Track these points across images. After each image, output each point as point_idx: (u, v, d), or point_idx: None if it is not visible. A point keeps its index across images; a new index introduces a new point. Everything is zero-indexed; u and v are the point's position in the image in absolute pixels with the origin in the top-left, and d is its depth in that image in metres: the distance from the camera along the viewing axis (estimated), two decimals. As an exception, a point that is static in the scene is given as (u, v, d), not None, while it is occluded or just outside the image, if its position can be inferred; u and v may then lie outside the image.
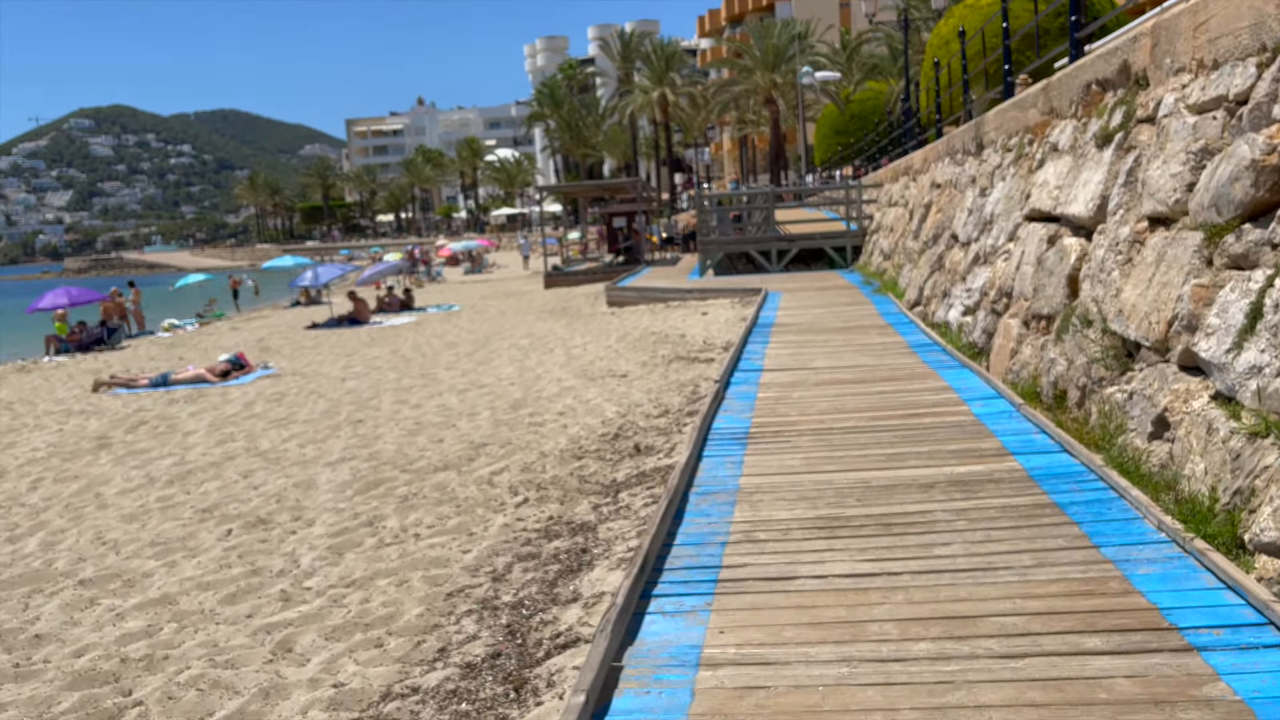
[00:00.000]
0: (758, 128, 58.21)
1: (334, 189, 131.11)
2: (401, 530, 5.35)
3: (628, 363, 11.34)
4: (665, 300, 18.66)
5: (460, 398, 10.03)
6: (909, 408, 6.26)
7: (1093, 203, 6.17)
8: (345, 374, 13.71)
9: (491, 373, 11.91)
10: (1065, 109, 7.76)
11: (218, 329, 26.53)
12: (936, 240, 12.28)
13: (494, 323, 20.13)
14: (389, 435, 8.35)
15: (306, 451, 8.08)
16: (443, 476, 6.52)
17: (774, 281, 18.47)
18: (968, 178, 11.34)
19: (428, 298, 31.02)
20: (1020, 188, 8.45)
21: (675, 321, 15.28)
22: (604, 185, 35.05)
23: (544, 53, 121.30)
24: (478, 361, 13.27)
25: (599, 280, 27.53)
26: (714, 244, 22.43)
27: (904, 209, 16.82)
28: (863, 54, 52.21)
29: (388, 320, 23.70)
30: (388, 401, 10.46)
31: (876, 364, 8.19)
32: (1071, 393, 5.57)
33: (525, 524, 5.20)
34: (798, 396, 6.92)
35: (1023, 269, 7.41)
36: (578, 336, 15.02)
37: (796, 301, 14.51)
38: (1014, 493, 4.31)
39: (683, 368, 10.41)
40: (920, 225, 14.06)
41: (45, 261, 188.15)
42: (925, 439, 5.40)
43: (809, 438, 5.65)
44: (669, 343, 12.71)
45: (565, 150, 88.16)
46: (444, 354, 14.98)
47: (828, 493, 4.51)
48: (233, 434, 9.54)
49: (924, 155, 15.64)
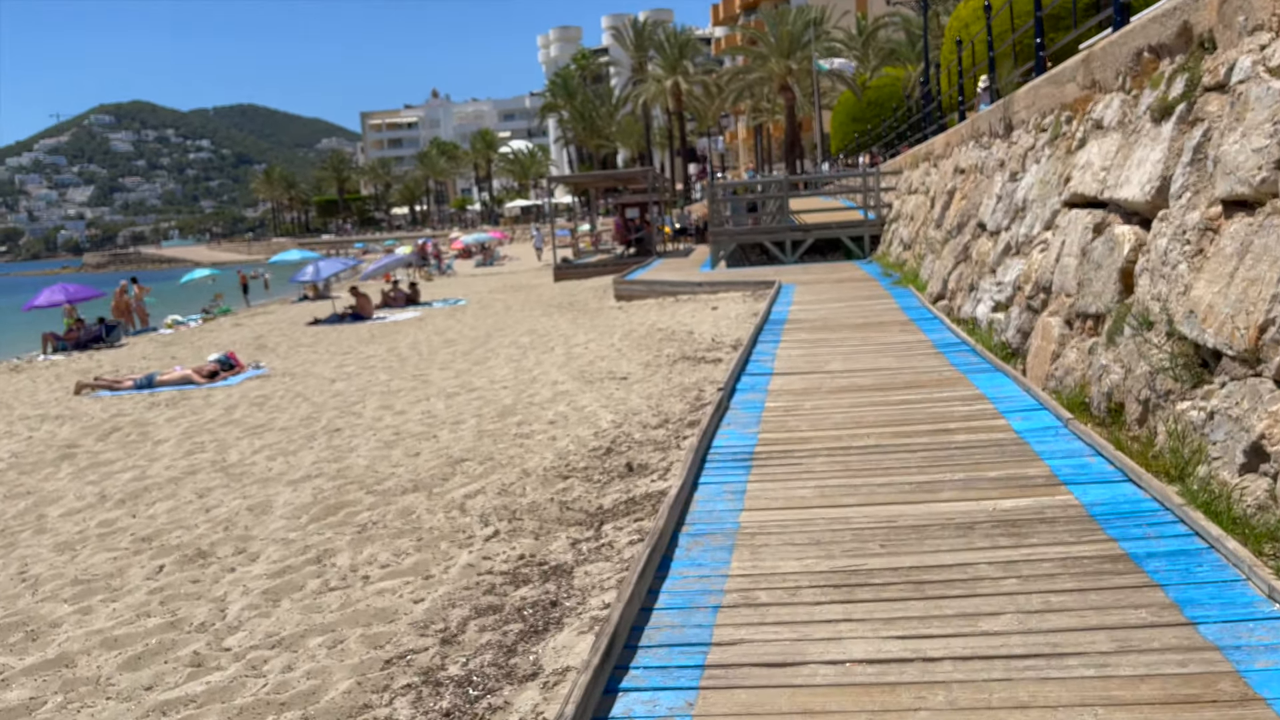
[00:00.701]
0: (773, 116, 57.21)
1: (349, 182, 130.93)
2: (350, 570, 4.64)
3: (629, 363, 10.59)
4: (675, 294, 17.89)
5: (448, 403, 9.32)
6: (938, 421, 5.48)
7: (1150, 185, 5.35)
8: (337, 374, 13.05)
9: (486, 374, 11.20)
10: (1110, 81, 6.93)
11: (220, 325, 26.01)
12: (961, 229, 11.45)
13: (498, 318, 19.43)
14: (364, 447, 7.64)
15: (274, 466, 7.39)
16: (410, 500, 5.80)
17: (788, 273, 17.66)
18: (995, 161, 10.50)
19: (435, 291, 30.39)
20: (1058, 170, 7.63)
21: (683, 317, 14.51)
22: (615, 175, 34.26)
23: (557, 43, 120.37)
24: (473, 361, 12.56)
25: (609, 273, 26.78)
26: (726, 235, 21.62)
27: (925, 196, 15.96)
28: (879, 39, 51.11)
29: (391, 315, 23.06)
30: (372, 407, 9.77)
31: (899, 367, 7.40)
32: (1130, 406, 4.77)
33: (492, 563, 4.48)
34: (810, 406, 6.14)
35: (1064, 261, 6.60)
36: (581, 333, 14.28)
37: (811, 295, 13.71)
38: (1074, 537, 3.53)
39: (688, 369, 9.65)
40: (943, 213, 13.22)
41: (67, 257, 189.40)
42: (959, 462, 4.63)
43: (823, 459, 4.88)
44: (675, 341, 11.95)
45: (579, 141, 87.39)
46: (441, 352, 14.28)
47: (845, 535, 3.75)
48: (204, 443, 8.88)
49: (946, 139, 14.77)
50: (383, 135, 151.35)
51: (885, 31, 51.72)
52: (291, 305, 30.83)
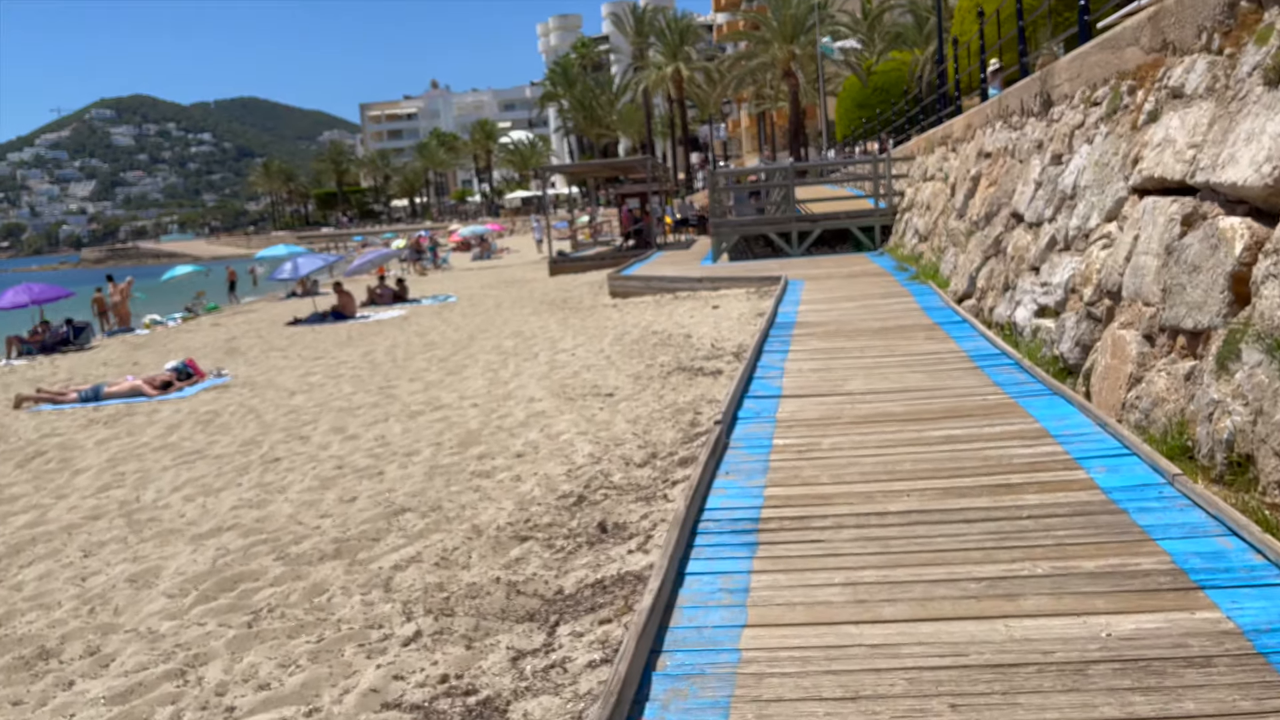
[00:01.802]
0: (776, 103, 55.82)
1: (348, 174, 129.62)
2: (216, 695, 3.44)
3: (618, 374, 9.38)
4: (673, 290, 16.67)
5: (407, 426, 8.12)
6: (995, 470, 4.27)
7: (1272, 166, 4.13)
8: (300, 384, 11.87)
9: (458, 387, 10.00)
10: (1190, 40, 5.68)
11: (200, 325, 24.87)
12: (990, 220, 10.21)
13: (486, 316, 18.23)
14: (297, 486, 6.45)
15: (188, 511, 6.20)
16: (326, 571, 4.60)
17: (795, 267, 16.42)
18: (1031, 143, 9.25)
19: (426, 287, 29.21)
20: (1120, 150, 6.39)
21: (681, 317, 13.30)
22: (612, 164, 32.99)
23: (557, 31, 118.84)
24: (448, 370, 11.36)
25: (607, 266, 25.58)
26: (728, 226, 20.38)
27: (943, 183, 14.70)
28: (885, 23, 49.66)
29: (376, 314, 21.88)
30: (323, 429, 8.57)
31: (933, 387, 6.19)
32: (1267, 462, 3.56)
33: (404, 687, 3.28)
34: (829, 445, 4.94)
35: (1138, 260, 5.38)
36: (569, 337, 13.07)
37: (821, 292, 12.48)
38: (1243, 695, 2.32)
39: (683, 383, 8.44)
40: (966, 202, 11.97)
41: (68, 252, 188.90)
42: (1038, 541, 3.42)
43: (851, 531, 3.68)
44: (671, 346, 10.74)
45: (579, 130, 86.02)
46: (417, 358, 13.08)
47: (894, 683, 2.54)
48: (125, 475, 7.70)
49: (967, 121, 13.50)
50: (382, 127, 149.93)
51: (891, 14, 50.32)
52: (279, 302, 29.67)
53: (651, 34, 66.25)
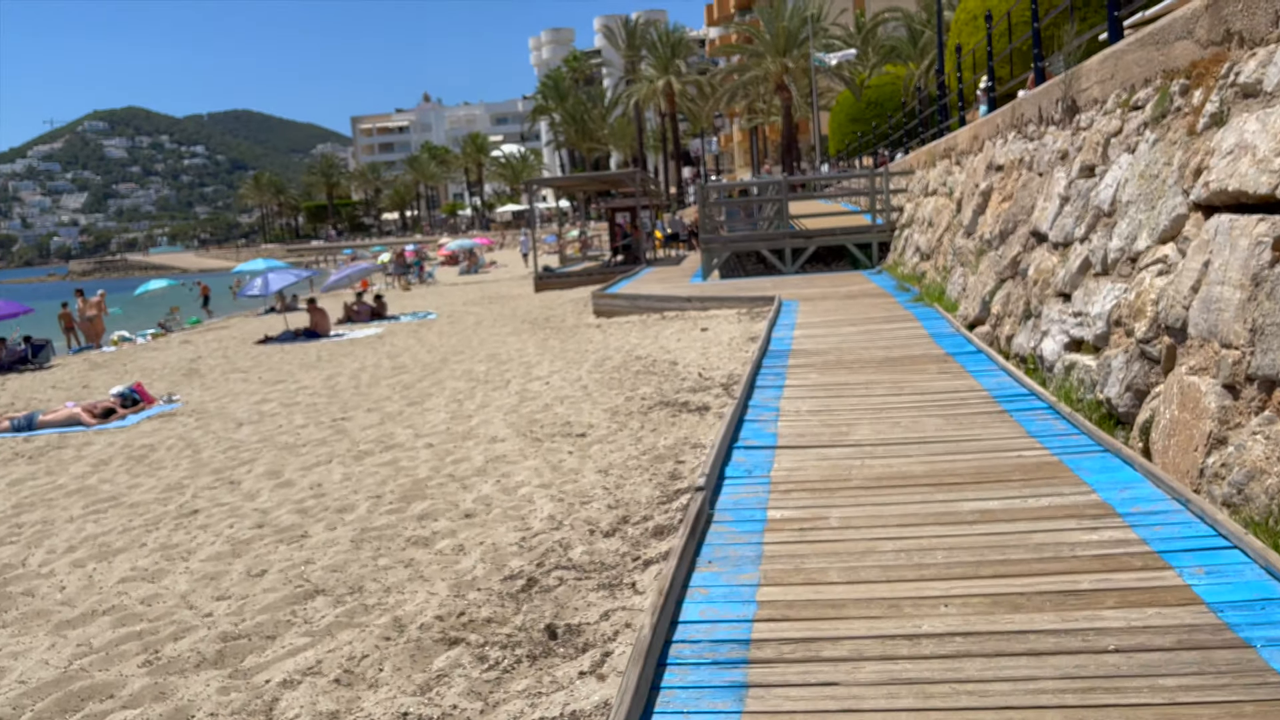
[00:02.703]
0: (768, 117, 55.15)
1: (339, 187, 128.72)
2: None
3: (594, 408, 8.40)
4: (661, 310, 15.73)
5: (350, 470, 7.12)
6: (1056, 568, 3.30)
7: None
8: (251, 413, 10.87)
9: (417, 421, 9.00)
10: (1264, 29, 4.77)
11: (169, 342, 23.80)
12: (1005, 238, 9.29)
13: (463, 336, 17.25)
14: (204, 551, 5.44)
15: (70, 582, 5.19)
16: (199, 686, 3.59)
17: (789, 286, 15.50)
18: (1053, 154, 8.34)
19: (408, 303, 28.24)
20: (1173, 158, 5.47)
21: (668, 340, 12.34)
22: (599, 178, 32.11)
23: (549, 45, 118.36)
24: (411, 400, 10.36)
25: (594, 282, 24.68)
26: (719, 243, 19.45)
27: (947, 198, 13.81)
28: (879, 36, 49.06)
29: (351, 332, 20.88)
30: (259, 471, 7.57)
31: (955, 437, 5.23)
32: None
33: None
34: (838, 520, 3.97)
35: (1212, 291, 4.44)
36: (546, 361, 12.10)
37: (818, 314, 11.55)
38: None
39: (665, 421, 7.47)
40: (975, 218, 11.06)
41: (59, 263, 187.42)
42: (1137, 694, 2.45)
43: (873, 670, 2.70)
44: (654, 374, 9.77)
45: (570, 144, 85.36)
46: (382, 383, 12.09)
47: None
48: (22, 527, 6.67)
49: (973, 132, 12.61)
50: (373, 140, 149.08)
51: (885, 28, 49.76)
52: (256, 318, 28.66)
53: (643, 47, 65.66)
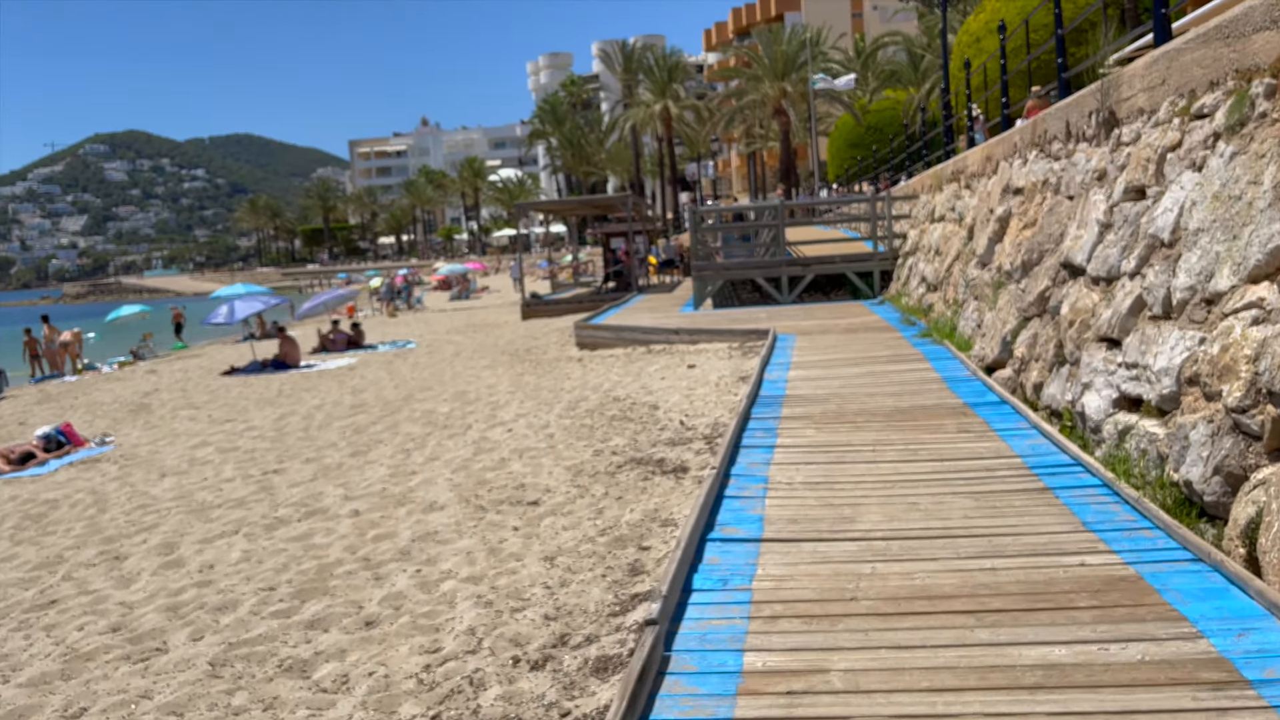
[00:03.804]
0: (767, 143, 54.37)
1: (335, 211, 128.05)
2: None
3: (555, 465, 7.23)
4: (647, 343, 14.59)
5: (252, 547, 5.94)
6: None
7: None
8: (182, 461, 9.72)
9: (351, 479, 7.82)
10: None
11: (134, 371, 22.65)
12: (1028, 270, 8.17)
13: (436, 369, 16.11)
14: (22, 675, 4.26)
15: None
16: None
17: (785, 317, 14.38)
18: (1087, 174, 7.24)
19: (390, 331, 27.12)
20: (1264, 176, 4.35)
21: (651, 379, 11.20)
22: (591, 201, 31.11)
23: (547, 70, 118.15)
24: (355, 449, 9.18)
25: (584, 309, 23.60)
26: (711, 269, 18.35)
27: (956, 224, 12.72)
28: (879, 61, 48.36)
29: (323, 363, 19.72)
30: (155, 541, 6.39)
31: (993, 529, 4.06)
32: None
33: None
34: (841, 678, 2.81)
35: (1341, 349, 3.31)
36: (515, 402, 10.94)
37: (816, 351, 10.41)
38: None
39: (634, 485, 6.31)
40: (991, 247, 9.96)
41: (57, 286, 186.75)
42: None
43: None
44: (631, 422, 8.61)
45: (567, 169, 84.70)
46: (334, 425, 10.92)
47: None
48: None
49: (985, 153, 11.54)
50: (371, 164, 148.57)
51: (885, 52, 49.09)
52: (231, 345, 27.54)
53: (640, 71, 65.01)
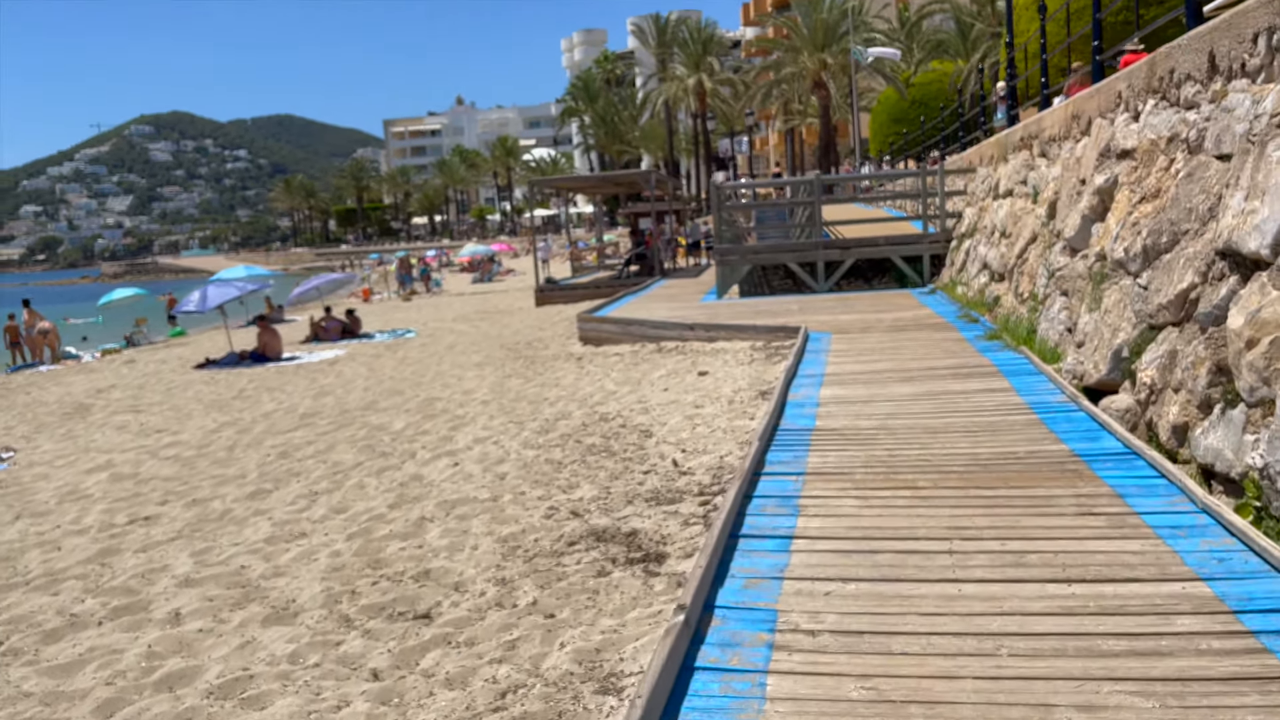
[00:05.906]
0: (805, 119, 51.70)
1: (369, 191, 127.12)
2: None
3: (485, 537, 5.20)
4: (657, 340, 12.50)
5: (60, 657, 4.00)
6: None
7: None
8: (59, 492, 7.87)
9: (217, 543, 5.87)
10: None
11: (112, 361, 21.06)
12: (1151, 259, 5.95)
13: (419, 366, 14.19)
14: None
15: None
16: None
17: (820, 310, 12.22)
18: (1256, 121, 5.00)
19: (398, 316, 25.34)
20: None
21: (651, 390, 9.12)
22: (610, 178, 28.98)
23: (581, 46, 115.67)
24: (259, 487, 7.21)
25: (601, 295, 21.61)
26: (737, 254, 16.18)
27: (1028, 200, 10.44)
28: (924, 30, 45.41)
29: (309, 355, 17.91)
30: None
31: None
32: None
33: None
34: None
35: None
36: (485, 417, 8.94)
37: (857, 358, 8.27)
38: None
39: (582, 585, 4.26)
40: (1086, 227, 7.70)
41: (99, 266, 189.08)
42: None
43: None
44: (611, 457, 6.56)
45: (600, 147, 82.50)
46: (263, 445, 9.00)
47: None
48: None
49: (1069, 111, 9.22)
50: (405, 143, 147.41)
51: (931, 21, 46.08)
52: (236, 330, 25.92)
53: (674, 44, 62.53)
